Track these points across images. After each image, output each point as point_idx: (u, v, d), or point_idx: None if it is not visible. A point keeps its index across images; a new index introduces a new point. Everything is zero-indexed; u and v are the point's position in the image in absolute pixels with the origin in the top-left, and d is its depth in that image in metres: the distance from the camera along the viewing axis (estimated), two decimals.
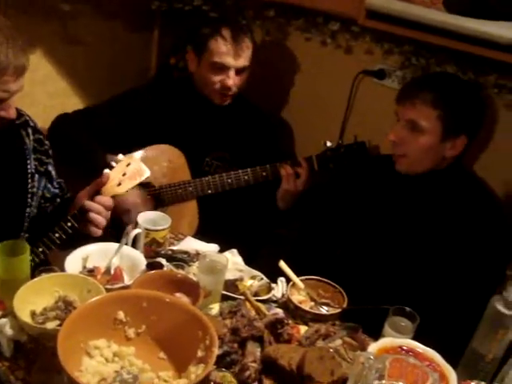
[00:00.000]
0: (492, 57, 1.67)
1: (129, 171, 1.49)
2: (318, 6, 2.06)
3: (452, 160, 1.76)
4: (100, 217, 1.50)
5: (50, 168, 1.70)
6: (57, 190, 1.74)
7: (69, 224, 1.49)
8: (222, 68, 2.04)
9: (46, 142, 1.69)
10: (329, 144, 2.00)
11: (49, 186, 1.71)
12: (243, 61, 2.05)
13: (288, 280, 1.59)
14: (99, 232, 1.53)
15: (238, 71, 2.06)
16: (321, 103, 2.39)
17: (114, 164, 1.50)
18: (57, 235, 1.49)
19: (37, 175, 1.65)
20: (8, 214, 1.59)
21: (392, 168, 1.81)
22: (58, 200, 1.74)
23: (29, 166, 1.63)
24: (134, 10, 2.47)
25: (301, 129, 2.49)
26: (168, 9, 2.48)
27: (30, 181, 1.63)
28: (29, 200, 1.63)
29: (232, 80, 2.05)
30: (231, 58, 2.03)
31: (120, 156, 1.52)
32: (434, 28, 1.70)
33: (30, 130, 1.63)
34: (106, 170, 1.49)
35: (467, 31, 1.63)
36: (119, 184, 1.48)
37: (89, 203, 1.48)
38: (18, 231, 1.63)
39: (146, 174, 1.50)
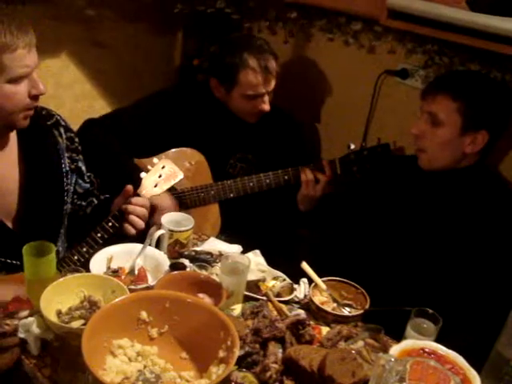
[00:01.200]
0: None
1: (164, 173, 1.59)
2: (340, 7, 2.06)
3: (474, 158, 1.74)
4: (138, 219, 1.58)
5: (80, 164, 1.74)
6: (88, 185, 1.78)
7: (110, 224, 1.57)
8: (255, 97, 2.06)
9: (76, 140, 1.73)
10: (352, 147, 1.99)
11: (80, 181, 1.75)
12: (273, 83, 2.07)
13: (310, 281, 1.59)
14: (134, 232, 1.61)
15: (270, 92, 2.09)
16: (344, 104, 2.39)
17: (149, 167, 1.59)
18: (99, 235, 1.56)
19: (70, 173, 1.70)
20: (47, 213, 1.64)
21: (416, 167, 1.80)
22: (91, 197, 1.78)
23: (63, 165, 1.68)
24: (157, 13, 2.50)
25: (325, 130, 2.49)
26: (190, 11, 2.50)
27: (65, 179, 1.68)
28: (65, 197, 1.68)
29: (267, 105, 2.08)
30: (263, 87, 2.05)
31: (155, 159, 1.62)
32: (457, 27, 1.68)
33: (62, 130, 1.68)
34: (143, 174, 1.58)
35: (491, 29, 1.61)
36: (155, 186, 1.58)
37: (129, 206, 1.57)
38: (57, 228, 1.68)
39: (179, 176, 1.62)
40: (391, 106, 2.23)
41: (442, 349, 1.30)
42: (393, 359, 1.07)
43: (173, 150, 2.03)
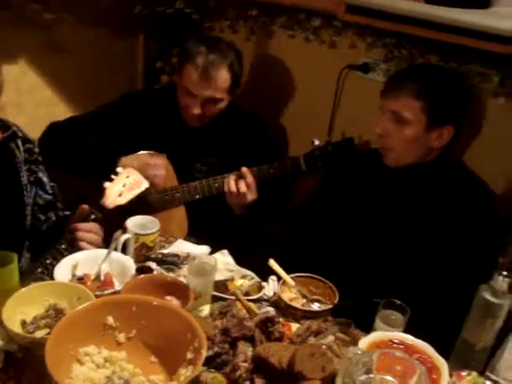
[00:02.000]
0: (473, 46, 1.68)
1: (128, 182, 1.58)
2: (300, 3, 2.07)
3: (440, 151, 1.76)
4: (88, 245, 1.55)
5: (41, 174, 1.71)
6: (50, 196, 1.74)
7: (63, 247, 1.53)
8: (190, 94, 2.02)
9: (36, 150, 1.69)
10: (316, 142, 1.98)
11: (40, 192, 1.71)
12: (212, 92, 2.01)
13: (279, 278, 1.59)
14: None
15: (208, 101, 2.03)
16: (308, 100, 2.39)
17: (113, 176, 1.57)
18: (63, 246, 1.53)
19: (29, 185, 1.66)
20: (8, 228, 1.60)
21: (380, 162, 1.81)
22: (51, 211, 1.74)
23: (22, 179, 1.64)
24: (117, 15, 2.47)
25: (289, 128, 2.49)
26: (150, 13, 2.49)
27: (25, 192, 1.64)
28: (26, 212, 1.65)
29: (196, 110, 2.03)
30: (196, 88, 2.00)
31: (119, 169, 1.60)
32: (414, 19, 1.70)
33: (19, 142, 1.64)
34: (107, 183, 1.56)
35: (447, 21, 1.63)
36: (120, 195, 1.56)
37: (78, 233, 1.54)
38: (20, 243, 1.65)
39: (144, 185, 1.60)
40: (354, 101, 2.24)
41: (410, 339, 1.32)
42: (359, 351, 1.08)
43: (137, 153, 2.01)
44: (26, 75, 2.26)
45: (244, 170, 1.98)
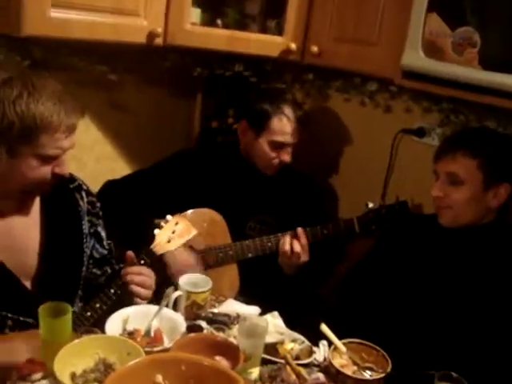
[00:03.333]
0: None
1: (177, 229, 1.60)
2: (355, 68, 2.09)
3: (497, 212, 1.72)
4: (139, 288, 1.57)
5: (100, 229, 1.75)
6: (105, 251, 1.78)
7: (112, 291, 1.55)
8: (281, 146, 2.09)
9: (98, 204, 1.75)
10: (370, 205, 1.99)
11: (97, 246, 1.75)
12: (298, 136, 2.11)
13: (330, 343, 1.55)
14: (141, 300, 1.59)
15: (294, 144, 2.12)
16: (362, 163, 2.40)
17: (163, 224, 1.61)
18: (112, 291, 1.55)
19: (89, 236, 1.71)
20: (66, 274, 1.65)
21: (436, 225, 1.77)
22: (106, 266, 1.78)
23: (84, 227, 1.69)
24: (177, 77, 2.55)
25: (343, 191, 2.49)
26: (209, 75, 2.56)
27: (84, 240, 1.69)
28: (84, 260, 1.69)
29: (290, 156, 2.11)
30: (291, 137, 2.09)
31: (169, 216, 1.63)
32: (471, 85, 1.69)
33: (83, 193, 1.71)
34: (156, 230, 1.59)
35: (505, 87, 1.61)
36: (169, 241, 1.58)
37: (127, 277, 1.56)
38: (75, 290, 1.68)
39: (193, 232, 1.62)
40: (409, 164, 2.23)
41: None
42: None
43: (190, 210, 2.04)
44: (88, 132, 2.35)
45: (300, 230, 1.99)
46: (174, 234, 1.60)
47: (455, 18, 1.67)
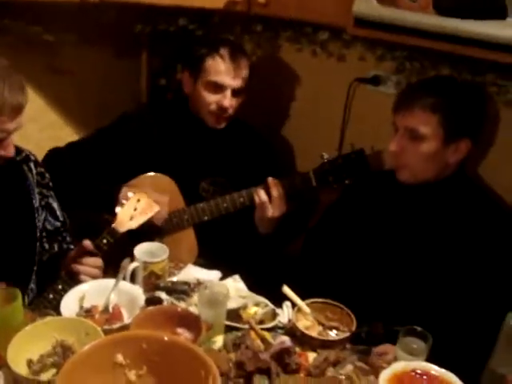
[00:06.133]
0: (489, 58, 1.61)
1: (139, 207, 1.60)
2: (306, 17, 2.01)
3: (456, 166, 1.70)
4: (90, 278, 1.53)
5: (51, 200, 1.70)
6: (59, 223, 1.72)
7: (60, 287, 1.51)
8: (219, 88, 1.99)
9: (47, 175, 1.69)
10: (326, 156, 1.92)
11: (50, 218, 1.70)
12: (240, 81, 2.00)
13: (294, 304, 1.53)
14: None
15: (235, 92, 2.01)
16: (317, 114, 2.35)
17: (124, 201, 1.61)
18: (51, 296, 1.51)
19: (40, 209, 1.65)
20: (19, 251, 1.59)
21: (395, 181, 1.74)
22: (56, 239, 1.72)
23: (34, 201, 1.63)
24: (118, 35, 2.43)
25: (299, 143, 2.44)
26: (152, 31, 2.45)
27: (36, 215, 1.63)
28: (38, 235, 1.63)
29: (228, 100, 2.00)
30: (228, 77, 1.98)
31: (130, 193, 1.65)
32: (425, 32, 1.64)
33: (32, 165, 1.64)
34: (118, 208, 1.59)
35: (460, 33, 1.57)
36: (131, 218, 1.57)
37: (80, 267, 1.52)
38: (30, 267, 1.62)
39: (155, 208, 1.63)
40: (365, 114, 2.19)
41: (434, 369, 1.25)
42: None
43: (140, 176, 1.97)
44: (28, 100, 2.22)
45: (271, 179, 1.92)
46: (135, 211, 1.59)
47: None
